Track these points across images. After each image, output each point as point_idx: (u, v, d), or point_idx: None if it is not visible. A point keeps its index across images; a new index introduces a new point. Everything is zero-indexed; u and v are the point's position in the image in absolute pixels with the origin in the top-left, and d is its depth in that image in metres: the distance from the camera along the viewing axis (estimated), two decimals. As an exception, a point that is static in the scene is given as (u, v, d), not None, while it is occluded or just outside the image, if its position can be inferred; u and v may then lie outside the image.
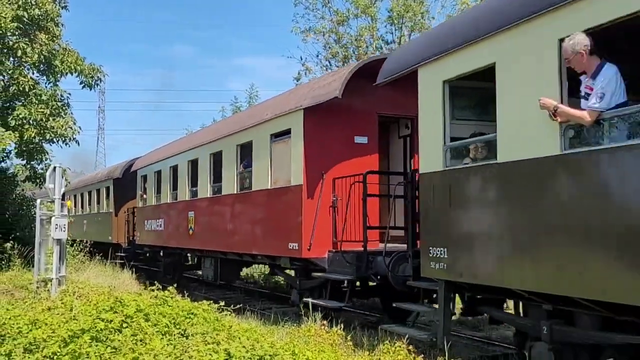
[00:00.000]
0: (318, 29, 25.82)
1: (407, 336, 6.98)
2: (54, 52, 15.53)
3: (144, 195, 18.74)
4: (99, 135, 70.05)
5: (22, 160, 16.11)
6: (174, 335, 6.10)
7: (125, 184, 20.77)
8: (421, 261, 7.00)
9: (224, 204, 12.97)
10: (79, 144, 16.61)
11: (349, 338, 7.66)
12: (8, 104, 15.66)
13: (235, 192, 12.44)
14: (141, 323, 6.19)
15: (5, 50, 14.97)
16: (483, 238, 6.08)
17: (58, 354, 5.51)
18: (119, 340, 5.75)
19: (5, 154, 16.00)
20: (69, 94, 16.32)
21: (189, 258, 17.00)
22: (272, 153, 10.91)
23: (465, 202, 6.38)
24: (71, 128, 15.79)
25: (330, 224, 9.66)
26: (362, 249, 8.89)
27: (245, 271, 17.86)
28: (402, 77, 7.57)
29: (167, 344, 5.71)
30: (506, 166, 5.77)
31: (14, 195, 19.22)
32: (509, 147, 5.74)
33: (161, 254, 17.62)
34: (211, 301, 7.50)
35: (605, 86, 4.90)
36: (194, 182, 14.70)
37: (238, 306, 8.06)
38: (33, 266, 12.35)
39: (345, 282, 9.46)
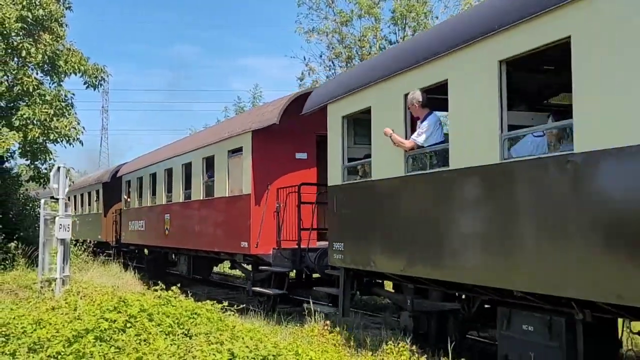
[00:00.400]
0: (321, 30, 25.84)
1: (321, 311, 9.54)
2: (58, 52, 15.55)
3: (128, 199, 20.71)
4: (102, 135, 70.05)
5: (26, 160, 16.13)
6: (178, 335, 6.12)
7: (113, 187, 22.43)
8: (328, 254, 9.21)
9: (193, 209, 15.13)
10: (82, 144, 16.64)
11: (352, 338, 7.67)
12: (12, 104, 15.67)
13: (201, 198, 14.50)
14: (145, 323, 6.21)
15: (9, 51, 15.00)
16: (363, 235, 8.29)
17: (62, 353, 5.53)
18: (122, 340, 5.77)
19: (9, 154, 16.01)
20: (73, 94, 16.36)
21: (171, 256, 18.39)
22: (229, 166, 13.03)
23: (352, 208, 8.67)
24: (75, 128, 15.80)
25: (274, 227, 11.74)
26: (297, 246, 11.13)
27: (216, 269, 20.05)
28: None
29: (171, 344, 5.72)
30: (375, 182, 8.01)
31: (18, 195, 19.26)
32: (378, 168, 7.96)
33: (145, 252, 19.54)
34: (214, 301, 7.51)
35: (426, 128, 7.09)
36: (169, 188, 16.84)
37: (241, 306, 8.07)
38: (37, 266, 12.38)
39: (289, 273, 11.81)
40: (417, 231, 7.13)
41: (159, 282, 7.87)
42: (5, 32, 14.39)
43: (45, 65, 15.70)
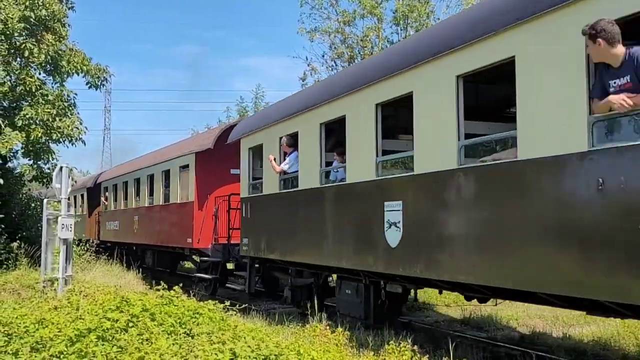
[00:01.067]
0: (324, 29, 25.83)
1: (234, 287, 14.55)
2: (60, 52, 15.56)
3: (106, 202, 24.44)
4: (105, 135, 69.98)
5: (28, 160, 16.15)
6: (180, 334, 6.13)
7: (96, 192, 25.70)
8: (240, 246, 12.76)
9: (155, 211, 18.56)
10: (85, 144, 16.67)
11: (354, 338, 7.67)
12: (15, 104, 15.69)
13: (161, 203, 18.10)
14: (147, 322, 6.22)
15: (12, 51, 15.02)
16: (259, 233, 11.74)
17: (65, 353, 5.55)
18: (125, 340, 5.78)
19: (12, 154, 16.03)
20: (76, 94, 16.39)
21: (139, 250, 21.41)
22: (180, 179, 16.57)
23: (253, 214, 12.05)
24: (77, 128, 15.82)
25: (212, 227, 15.01)
26: (227, 242, 14.41)
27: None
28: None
29: (173, 344, 5.73)
30: (264, 196, 11.65)
31: (21, 195, 19.29)
32: (265, 186, 11.60)
33: (124, 248, 22.16)
34: (215, 301, 7.53)
35: (288, 160, 10.58)
36: (138, 194, 20.46)
37: (243, 306, 8.09)
38: (39, 266, 12.41)
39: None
40: (282, 230, 10.84)
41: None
42: (8, 32, 14.41)
43: (48, 66, 15.72)
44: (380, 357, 6.52)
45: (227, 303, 7.47)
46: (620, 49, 4.89)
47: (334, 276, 10.22)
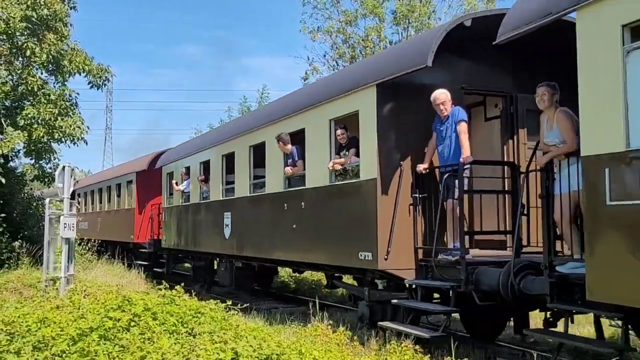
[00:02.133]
0: (326, 29, 25.83)
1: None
2: (62, 52, 15.60)
3: (79, 206, 28.00)
4: (107, 135, 70.01)
5: (30, 159, 16.20)
6: (182, 334, 6.13)
7: (74, 197, 28.10)
8: (161, 240, 18.01)
9: (110, 215, 23.71)
10: (87, 143, 16.70)
11: (355, 338, 7.67)
12: (17, 104, 15.73)
13: (115, 208, 22.97)
14: (149, 322, 6.22)
15: (14, 50, 15.06)
16: (173, 231, 16.80)
17: (67, 352, 5.55)
18: (127, 339, 5.78)
19: (14, 153, 16.06)
20: (77, 93, 16.42)
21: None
22: (127, 191, 21.28)
23: (170, 218, 17.20)
24: (79, 128, 15.85)
25: (149, 227, 19.41)
26: (157, 238, 18.93)
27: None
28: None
29: (175, 343, 5.74)
30: (173, 207, 17.03)
31: (23, 195, 19.32)
32: (174, 199, 17.06)
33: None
34: (218, 301, 7.54)
35: (185, 184, 15.89)
36: (100, 201, 25.59)
37: (245, 305, 8.10)
38: (41, 265, 12.42)
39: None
40: (184, 228, 16.02)
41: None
42: (10, 31, 14.44)
43: (50, 65, 15.76)
44: (382, 357, 6.52)
45: (229, 302, 7.48)
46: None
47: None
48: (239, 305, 7.56)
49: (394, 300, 8.02)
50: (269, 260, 11.64)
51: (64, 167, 11.47)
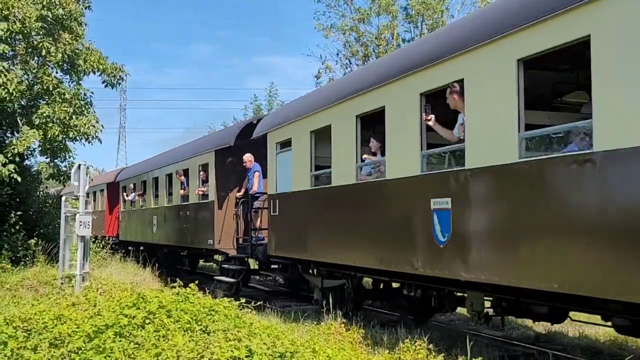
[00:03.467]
0: (340, 27, 25.80)
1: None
2: (77, 51, 15.69)
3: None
4: (120, 134, 70.40)
5: (46, 158, 16.31)
6: (196, 331, 6.16)
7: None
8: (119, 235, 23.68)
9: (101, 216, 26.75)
10: (101, 142, 16.80)
11: (368, 336, 7.68)
12: (32, 103, 15.84)
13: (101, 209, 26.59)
14: (163, 319, 6.26)
15: (29, 50, 15.17)
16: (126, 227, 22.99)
17: (83, 348, 5.61)
18: (142, 336, 5.83)
19: (29, 152, 16.19)
20: (92, 92, 16.52)
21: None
22: (101, 198, 25.82)
23: (127, 217, 23.09)
24: (94, 126, 15.94)
25: (115, 224, 24.26)
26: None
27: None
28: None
29: (189, 340, 5.77)
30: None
31: (38, 193, 19.49)
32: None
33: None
34: (231, 299, 7.57)
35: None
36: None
37: (258, 303, 8.12)
38: (57, 262, 12.52)
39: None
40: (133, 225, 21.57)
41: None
42: (25, 31, 14.54)
43: (65, 64, 15.84)
44: (395, 356, 6.52)
45: (243, 300, 7.50)
46: None
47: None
48: (253, 303, 7.59)
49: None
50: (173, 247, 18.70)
51: (79, 165, 11.56)
